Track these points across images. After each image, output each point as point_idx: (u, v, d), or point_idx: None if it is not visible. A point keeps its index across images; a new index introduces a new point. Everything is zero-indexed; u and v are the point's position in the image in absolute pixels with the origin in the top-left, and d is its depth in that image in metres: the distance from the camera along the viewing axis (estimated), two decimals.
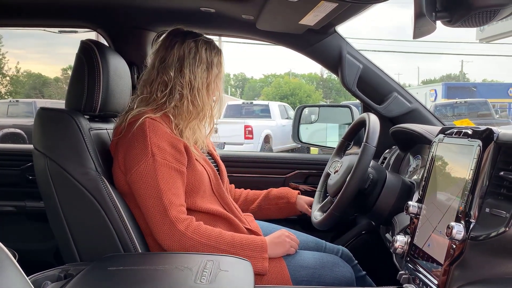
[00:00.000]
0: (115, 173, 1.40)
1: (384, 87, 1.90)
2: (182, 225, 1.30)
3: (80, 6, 1.84)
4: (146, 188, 1.31)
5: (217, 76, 1.48)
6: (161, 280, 1.06)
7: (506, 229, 0.84)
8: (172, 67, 1.41)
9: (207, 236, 1.32)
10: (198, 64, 1.42)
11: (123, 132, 1.38)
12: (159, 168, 1.31)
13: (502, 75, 66.58)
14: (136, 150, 1.33)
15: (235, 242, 1.34)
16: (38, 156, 1.38)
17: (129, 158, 1.35)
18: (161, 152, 1.33)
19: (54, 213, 1.36)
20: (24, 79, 32.14)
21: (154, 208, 1.30)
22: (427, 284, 1.01)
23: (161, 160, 1.32)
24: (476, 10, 0.97)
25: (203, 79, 1.43)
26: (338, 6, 1.40)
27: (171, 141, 1.36)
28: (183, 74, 1.41)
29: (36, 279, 1.14)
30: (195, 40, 1.44)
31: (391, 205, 1.39)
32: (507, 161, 0.92)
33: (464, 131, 1.06)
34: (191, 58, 1.42)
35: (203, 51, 1.44)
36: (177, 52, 1.42)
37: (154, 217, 1.30)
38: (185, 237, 1.29)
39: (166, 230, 1.30)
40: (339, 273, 1.44)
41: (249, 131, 10.42)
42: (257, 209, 1.74)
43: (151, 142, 1.32)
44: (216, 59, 1.47)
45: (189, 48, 1.42)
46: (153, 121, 1.35)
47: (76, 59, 1.46)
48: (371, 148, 1.34)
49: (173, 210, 1.30)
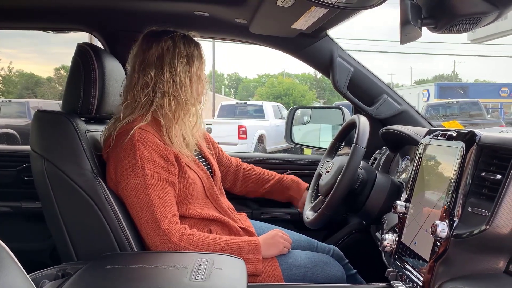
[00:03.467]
0: (109, 182, 1.39)
1: (374, 89, 1.94)
2: (176, 237, 1.31)
3: (76, 9, 1.86)
4: (137, 201, 1.32)
5: (199, 68, 1.46)
6: (157, 278, 1.09)
7: (487, 227, 0.88)
8: (152, 66, 1.40)
9: (201, 245, 1.34)
10: (178, 58, 1.41)
11: (112, 144, 1.37)
12: (150, 181, 1.32)
13: (493, 75, 67.15)
14: (126, 163, 1.33)
15: (228, 247, 1.36)
16: (35, 157, 1.40)
17: (119, 171, 1.35)
18: (151, 165, 1.33)
19: (51, 213, 1.38)
20: (17, 78, 31.87)
21: (147, 221, 1.32)
22: (413, 280, 1.06)
23: (151, 173, 1.32)
24: (459, 18, 1.01)
25: (185, 73, 1.42)
26: (329, 11, 1.44)
27: (161, 152, 1.36)
28: (164, 72, 1.39)
29: (34, 277, 1.16)
30: (171, 36, 1.43)
31: (381, 204, 1.43)
32: (489, 162, 0.96)
33: (449, 133, 1.10)
34: (170, 54, 1.40)
35: (182, 45, 1.42)
36: (155, 51, 1.41)
37: (148, 230, 1.32)
38: (179, 248, 1.31)
39: (160, 242, 1.32)
40: (331, 272, 1.48)
41: (243, 131, 10.45)
42: (265, 192, 1.80)
43: (140, 155, 1.32)
44: (196, 52, 1.45)
45: (167, 45, 1.41)
46: (143, 132, 1.34)
47: (72, 62, 1.48)
48: (360, 149, 1.37)
49: (166, 222, 1.31)
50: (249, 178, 1.80)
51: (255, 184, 1.80)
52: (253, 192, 1.82)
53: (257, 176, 1.81)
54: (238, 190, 1.82)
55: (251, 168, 1.83)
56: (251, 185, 1.80)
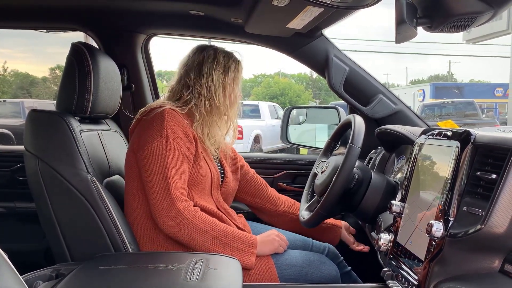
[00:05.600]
0: (127, 154, 1.51)
1: (369, 89, 1.94)
2: (181, 204, 1.36)
3: (70, 8, 1.85)
4: (154, 163, 1.39)
5: (234, 80, 1.60)
6: (152, 279, 1.08)
7: (482, 227, 0.88)
8: (193, 70, 1.56)
9: (202, 220, 1.37)
10: (216, 67, 1.56)
11: (143, 114, 1.50)
12: (170, 149, 1.40)
13: (488, 75, 67.46)
14: (153, 130, 1.43)
15: (227, 232, 1.39)
16: (29, 157, 1.39)
17: (144, 136, 1.44)
18: (175, 136, 1.43)
19: (45, 214, 1.37)
20: (11, 78, 31.71)
21: (158, 183, 1.37)
22: (409, 280, 1.05)
23: (174, 143, 1.42)
24: (455, 17, 1.01)
25: (219, 80, 1.56)
26: (324, 11, 1.44)
27: (184, 129, 1.47)
28: (201, 76, 1.55)
29: (27, 278, 1.15)
30: (214, 49, 1.60)
31: (376, 204, 1.43)
32: (484, 162, 0.96)
33: (444, 133, 1.10)
34: (209, 62, 1.56)
35: (221, 57, 1.58)
36: (197, 58, 1.58)
37: (157, 192, 1.37)
38: (181, 216, 1.35)
39: (165, 206, 1.36)
40: (325, 272, 1.48)
41: (239, 131, 10.43)
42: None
43: (168, 125, 1.43)
44: (233, 66, 1.60)
45: (208, 54, 1.58)
46: (173, 111, 1.47)
47: (66, 61, 1.48)
48: (356, 148, 1.37)
49: (175, 189, 1.37)
50: (280, 205, 1.77)
51: (288, 208, 1.77)
52: (284, 213, 1.78)
53: (291, 205, 1.77)
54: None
55: (285, 199, 1.79)
56: (283, 209, 1.76)
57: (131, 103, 2.05)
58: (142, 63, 2.08)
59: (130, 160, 1.48)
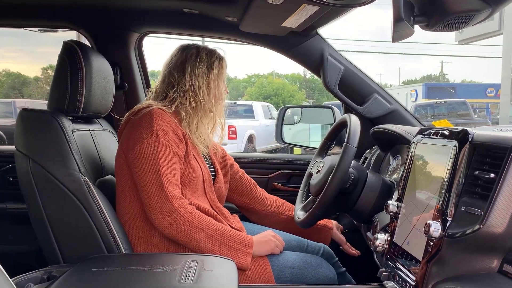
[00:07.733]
0: (117, 156, 1.49)
1: (365, 88, 1.94)
2: (176, 202, 1.35)
3: (62, 6, 1.83)
4: (146, 163, 1.38)
5: (218, 77, 1.59)
6: (146, 281, 1.06)
7: (481, 227, 0.87)
8: (176, 69, 1.56)
9: (198, 219, 1.36)
10: (199, 64, 1.56)
11: (131, 115, 1.49)
12: (161, 148, 1.40)
13: (480, 75, 67.98)
14: (142, 130, 1.42)
15: (223, 231, 1.38)
16: (20, 157, 1.37)
17: (133, 136, 1.43)
18: (165, 135, 1.42)
19: (37, 215, 1.35)
20: (3, 78, 31.47)
21: (151, 182, 1.36)
22: (406, 281, 1.04)
23: (164, 141, 1.41)
24: (452, 15, 1.00)
25: (203, 78, 1.56)
26: (319, 9, 1.43)
27: (174, 128, 1.46)
28: (185, 74, 1.55)
29: (18, 281, 1.13)
30: (196, 47, 1.60)
31: (372, 204, 1.42)
32: (482, 161, 0.95)
33: (441, 132, 1.09)
34: (192, 60, 1.56)
35: (204, 54, 1.58)
36: (180, 56, 1.58)
37: (150, 190, 1.36)
38: (177, 214, 1.34)
39: (160, 204, 1.34)
40: (322, 274, 1.47)
41: (232, 131, 10.41)
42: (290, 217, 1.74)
43: (157, 124, 1.42)
44: (216, 62, 1.59)
45: (191, 53, 1.58)
46: (161, 110, 1.46)
47: (58, 59, 1.45)
48: (352, 148, 1.36)
49: (169, 186, 1.36)
50: (269, 205, 1.78)
51: (277, 209, 1.77)
52: (275, 213, 1.79)
53: (281, 205, 1.78)
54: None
55: (273, 199, 1.79)
56: (272, 209, 1.77)
57: (124, 102, 2.03)
58: (135, 62, 2.06)
59: (120, 162, 1.47)
